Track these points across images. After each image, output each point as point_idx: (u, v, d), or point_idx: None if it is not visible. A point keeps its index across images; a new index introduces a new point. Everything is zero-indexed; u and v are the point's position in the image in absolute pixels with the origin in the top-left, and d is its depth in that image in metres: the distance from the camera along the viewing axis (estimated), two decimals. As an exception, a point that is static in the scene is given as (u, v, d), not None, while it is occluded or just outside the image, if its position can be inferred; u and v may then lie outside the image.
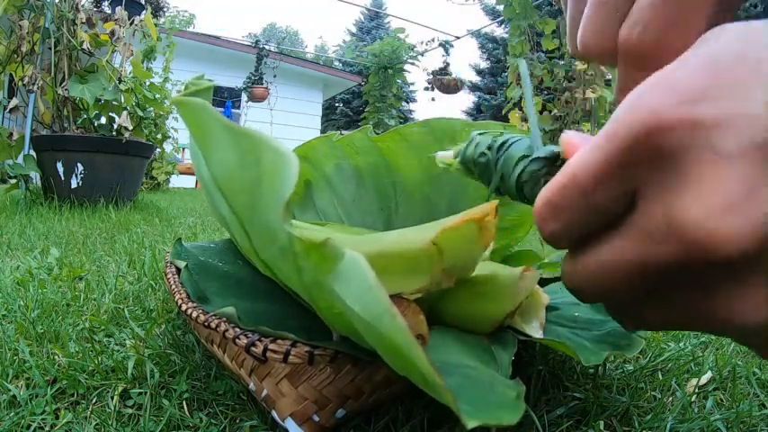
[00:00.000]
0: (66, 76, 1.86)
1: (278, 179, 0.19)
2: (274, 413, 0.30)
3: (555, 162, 0.21)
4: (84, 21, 1.90)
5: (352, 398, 0.30)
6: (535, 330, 0.37)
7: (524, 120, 3.04)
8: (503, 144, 0.24)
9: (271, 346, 0.28)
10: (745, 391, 0.42)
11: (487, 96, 11.92)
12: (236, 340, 0.29)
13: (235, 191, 0.26)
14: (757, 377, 0.44)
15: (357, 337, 0.26)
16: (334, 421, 0.30)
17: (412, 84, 12.19)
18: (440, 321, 0.37)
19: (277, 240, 0.22)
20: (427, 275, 0.28)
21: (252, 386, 0.31)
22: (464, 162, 0.26)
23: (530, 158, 0.22)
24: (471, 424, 0.18)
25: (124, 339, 0.47)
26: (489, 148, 0.25)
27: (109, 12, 3.04)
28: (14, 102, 1.87)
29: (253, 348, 0.28)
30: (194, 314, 0.33)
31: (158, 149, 3.27)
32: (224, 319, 0.32)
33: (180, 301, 0.36)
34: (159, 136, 3.00)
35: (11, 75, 1.95)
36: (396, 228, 0.53)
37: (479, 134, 0.26)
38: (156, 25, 2.54)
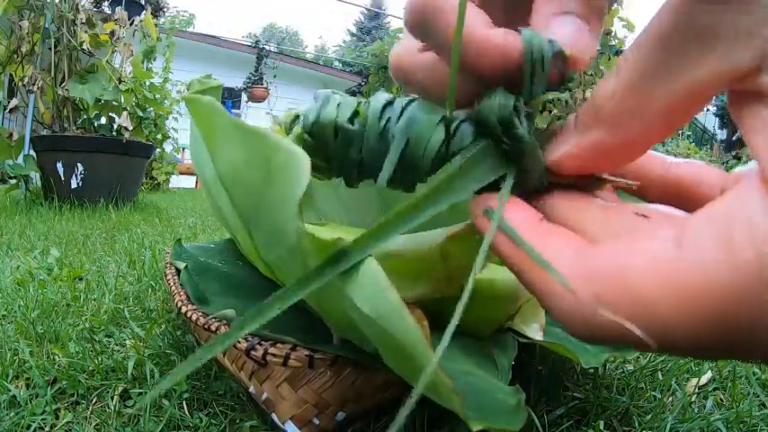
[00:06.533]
0: (67, 77, 1.86)
1: (290, 177, 0.19)
2: (274, 416, 0.30)
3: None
4: (84, 21, 1.90)
5: (353, 401, 0.30)
6: (535, 332, 0.37)
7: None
8: (387, 105, 0.17)
9: (271, 350, 0.28)
10: (745, 391, 0.42)
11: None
12: (236, 344, 0.29)
13: (241, 190, 0.26)
14: (757, 377, 0.44)
15: (359, 339, 0.26)
16: (335, 424, 0.30)
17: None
18: (440, 324, 0.37)
19: (285, 240, 0.22)
20: (430, 281, 0.28)
21: (252, 389, 0.31)
22: (316, 129, 0.18)
23: (485, 103, 0.15)
24: (476, 427, 0.18)
25: (124, 339, 0.47)
26: (357, 112, 0.17)
27: (109, 12, 3.05)
28: (14, 102, 1.87)
29: (253, 352, 0.28)
30: (194, 317, 0.33)
31: (158, 150, 3.27)
32: (224, 321, 0.32)
33: (180, 304, 0.36)
34: (159, 136, 2.99)
35: (11, 75, 1.95)
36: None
37: (334, 92, 0.18)
38: (155, 25, 2.53)
